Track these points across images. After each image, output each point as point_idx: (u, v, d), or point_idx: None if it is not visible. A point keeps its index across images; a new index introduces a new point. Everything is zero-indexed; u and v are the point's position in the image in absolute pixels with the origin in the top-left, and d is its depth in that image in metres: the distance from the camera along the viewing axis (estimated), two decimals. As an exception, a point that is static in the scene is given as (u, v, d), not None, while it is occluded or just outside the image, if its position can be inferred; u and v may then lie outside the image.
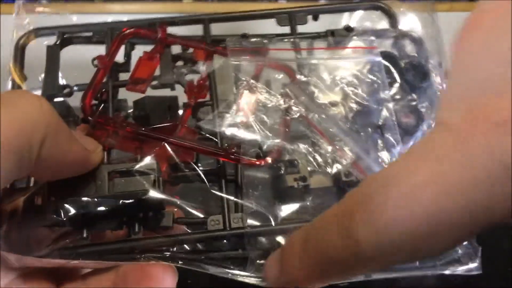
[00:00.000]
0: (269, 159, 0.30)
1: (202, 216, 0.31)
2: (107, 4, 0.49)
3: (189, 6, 0.57)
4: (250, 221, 0.30)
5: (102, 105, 0.33)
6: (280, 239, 0.30)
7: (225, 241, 0.30)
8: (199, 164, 0.32)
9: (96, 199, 0.29)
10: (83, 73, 0.36)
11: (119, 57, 0.36)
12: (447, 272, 0.30)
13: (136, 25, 0.35)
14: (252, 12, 0.37)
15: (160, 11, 0.55)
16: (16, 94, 0.26)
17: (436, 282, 0.40)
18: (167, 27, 0.35)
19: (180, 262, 0.29)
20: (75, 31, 0.36)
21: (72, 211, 0.29)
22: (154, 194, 0.29)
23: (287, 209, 0.31)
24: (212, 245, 0.31)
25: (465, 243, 0.31)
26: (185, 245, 0.30)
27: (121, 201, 0.29)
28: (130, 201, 0.29)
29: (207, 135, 0.33)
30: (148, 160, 0.30)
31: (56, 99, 0.33)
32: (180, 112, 0.34)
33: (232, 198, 0.31)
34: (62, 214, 0.29)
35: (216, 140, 0.32)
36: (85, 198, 0.29)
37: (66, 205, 0.28)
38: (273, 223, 0.30)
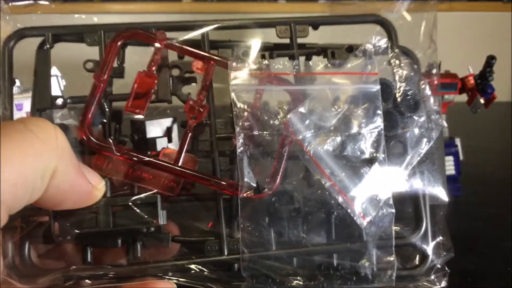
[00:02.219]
0: (266, 193, 0.32)
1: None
2: (106, 4, 0.45)
3: (189, 6, 0.54)
4: (246, 247, 0.32)
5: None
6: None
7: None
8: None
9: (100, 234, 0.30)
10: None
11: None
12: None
13: (130, 28, 0.33)
14: (252, 20, 0.36)
15: (160, 10, 0.52)
16: (33, 122, 0.26)
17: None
18: (165, 33, 0.34)
19: (181, 280, 0.32)
20: (66, 32, 0.34)
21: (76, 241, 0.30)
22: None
23: (281, 236, 0.33)
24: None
25: (438, 266, 0.35)
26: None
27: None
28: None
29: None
30: (149, 192, 0.31)
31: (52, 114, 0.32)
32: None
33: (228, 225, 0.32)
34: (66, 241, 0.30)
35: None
36: (89, 232, 0.30)
37: (69, 237, 0.30)
38: (268, 249, 0.32)
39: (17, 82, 0.38)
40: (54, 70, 0.50)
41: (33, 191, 0.25)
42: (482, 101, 0.61)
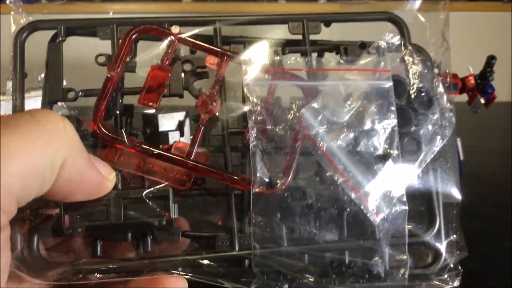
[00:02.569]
0: (279, 188, 0.31)
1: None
2: (107, 4, 0.45)
3: (189, 6, 0.54)
4: (257, 242, 0.32)
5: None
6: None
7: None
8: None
9: (111, 226, 0.30)
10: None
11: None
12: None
13: (144, 23, 0.33)
14: (265, 16, 0.36)
15: (160, 11, 0.52)
16: (42, 113, 0.26)
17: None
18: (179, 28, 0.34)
19: (189, 275, 0.31)
20: (78, 26, 0.34)
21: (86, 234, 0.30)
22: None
23: (293, 232, 0.33)
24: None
25: (451, 265, 0.34)
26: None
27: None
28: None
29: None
30: (160, 185, 0.31)
31: (62, 110, 0.32)
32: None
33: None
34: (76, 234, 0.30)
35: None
36: (100, 224, 0.29)
37: (80, 230, 0.29)
38: (279, 245, 0.32)
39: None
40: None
41: (43, 182, 0.25)
42: (482, 101, 0.60)
